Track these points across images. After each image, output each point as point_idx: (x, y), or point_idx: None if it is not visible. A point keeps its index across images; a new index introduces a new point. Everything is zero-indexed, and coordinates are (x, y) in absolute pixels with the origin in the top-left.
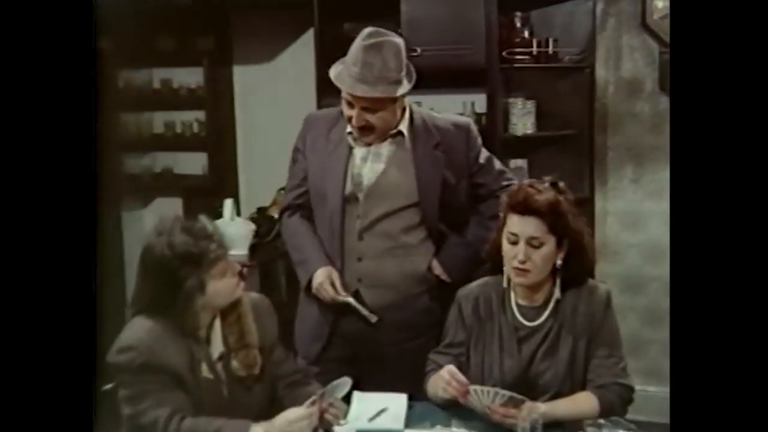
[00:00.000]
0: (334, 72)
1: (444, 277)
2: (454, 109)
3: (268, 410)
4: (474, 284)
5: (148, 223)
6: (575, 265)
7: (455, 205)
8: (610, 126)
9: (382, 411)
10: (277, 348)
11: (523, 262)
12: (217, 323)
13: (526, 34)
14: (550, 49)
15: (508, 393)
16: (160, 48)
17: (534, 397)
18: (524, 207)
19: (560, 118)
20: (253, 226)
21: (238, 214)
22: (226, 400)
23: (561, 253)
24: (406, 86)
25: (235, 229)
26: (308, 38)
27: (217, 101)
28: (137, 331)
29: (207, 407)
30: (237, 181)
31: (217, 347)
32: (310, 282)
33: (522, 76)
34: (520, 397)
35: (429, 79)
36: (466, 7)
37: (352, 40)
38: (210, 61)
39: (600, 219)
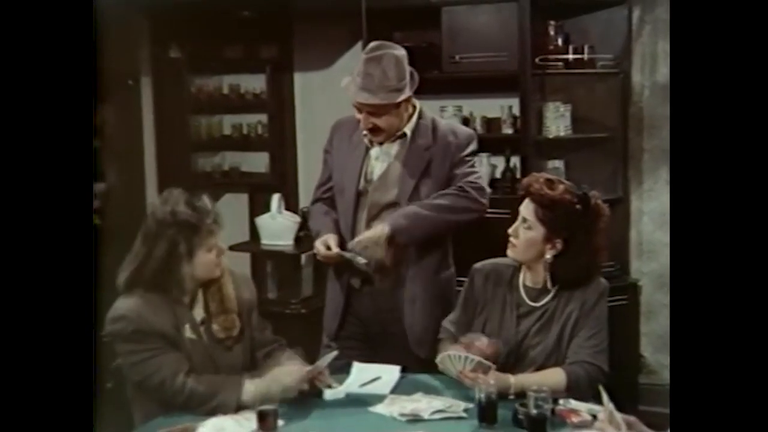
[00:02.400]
0: (344, 82)
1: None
2: (492, 111)
3: (250, 373)
4: (490, 261)
5: None
6: (567, 266)
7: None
8: (645, 129)
9: (375, 379)
10: (255, 314)
11: (510, 236)
12: (200, 292)
13: (560, 41)
14: (585, 56)
15: (476, 358)
16: (228, 56)
17: (522, 368)
18: (526, 190)
19: (596, 121)
20: (298, 219)
21: (287, 208)
22: (210, 358)
23: (551, 249)
24: (406, 93)
25: (280, 222)
26: (359, 47)
27: (279, 105)
28: (126, 302)
29: (195, 365)
30: (296, 178)
31: (198, 312)
32: None
33: (557, 81)
34: (487, 363)
35: (468, 84)
36: (501, 18)
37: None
38: (273, 68)
39: (635, 219)
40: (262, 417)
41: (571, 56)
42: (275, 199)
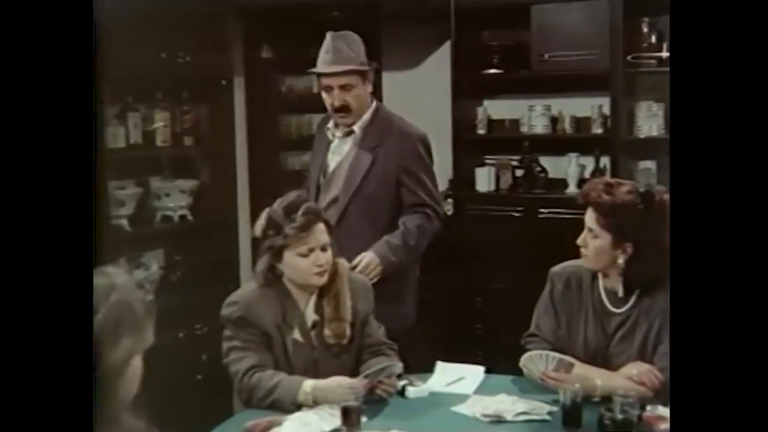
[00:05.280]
0: (313, 69)
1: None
2: (581, 111)
3: (355, 376)
4: (569, 263)
5: None
6: (642, 269)
7: (377, 202)
8: None
9: (459, 379)
10: (369, 323)
11: (580, 246)
12: (314, 296)
13: (653, 39)
14: None
15: (558, 355)
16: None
17: None
18: (586, 199)
19: None
20: None
21: None
22: (316, 363)
23: (622, 254)
24: (372, 64)
25: None
26: (448, 47)
27: None
28: (245, 289)
29: (297, 368)
30: None
31: (311, 315)
32: None
33: (650, 80)
34: (568, 359)
35: (557, 83)
36: (592, 15)
37: (488, 47)
38: None
39: None
40: (346, 413)
41: (664, 54)
42: None
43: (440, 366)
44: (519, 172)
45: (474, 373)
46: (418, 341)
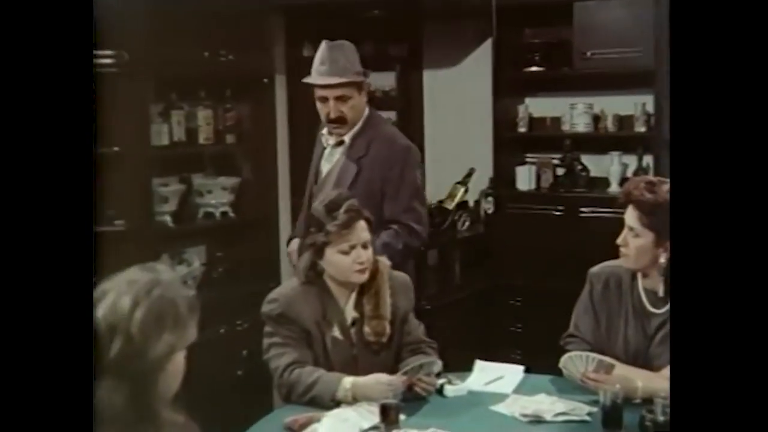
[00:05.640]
0: (307, 79)
1: None
2: (624, 109)
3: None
4: (607, 264)
5: None
6: None
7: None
8: None
9: (498, 378)
10: (409, 321)
11: (620, 245)
12: (354, 293)
13: None
14: None
15: (598, 356)
16: (360, 55)
17: None
18: (627, 197)
19: None
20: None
21: None
22: (355, 360)
23: (664, 252)
24: (368, 74)
25: None
26: (488, 45)
27: (408, 102)
28: (285, 286)
29: (336, 365)
30: (423, 175)
31: (350, 313)
32: None
33: None
34: (609, 360)
35: (599, 81)
36: (636, 12)
37: (530, 45)
38: (402, 65)
39: None
40: (384, 410)
41: None
42: None
43: (479, 365)
44: (560, 171)
45: (513, 373)
46: (457, 340)
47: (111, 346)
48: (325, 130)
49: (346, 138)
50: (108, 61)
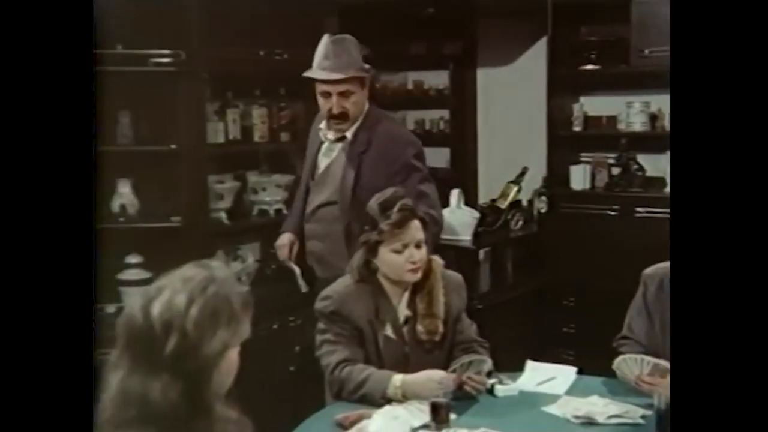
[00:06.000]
0: (308, 73)
1: None
2: None
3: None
4: (661, 265)
5: None
6: None
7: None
8: None
9: (550, 379)
10: (461, 320)
11: None
12: (407, 292)
13: None
14: None
15: (653, 360)
16: (413, 53)
17: None
18: None
19: None
20: (477, 215)
21: (467, 203)
22: (407, 359)
23: None
24: (370, 70)
25: (459, 217)
26: (543, 43)
27: (462, 101)
28: (339, 283)
29: (388, 364)
30: (476, 174)
31: (403, 311)
32: None
33: None
34: (664, 363)
35: (657, 80)
36: None
37: (586, 43)
38: (456, 64)
39: None
40: (435, 409)
41: None
42: (455, 194)
43: (531, 365)
44: (615, 170)
45: (565, 374)
46: (509, 339)
47: (167, 343)
48: (323, 125)
49: (348, 133)
50: (165, 60)
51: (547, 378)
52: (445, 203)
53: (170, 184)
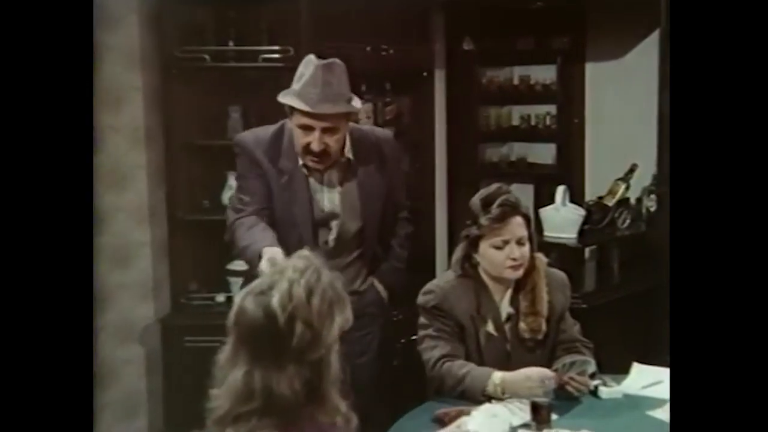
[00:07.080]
0: (287, 98)
1: (384, 295)
2: None
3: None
4: None
5: None
6: None
7: (387, 222)
8: None
9: (657, 383)
10: (565, 319)
11: None
12: (510, 289)
13: None
14: None
15: None
16: (520, 48)
17: None
18: None
19: None
20: (582, 213)
21: (572, 200)
22: (509, 357)
23: None
24: (357, 102)
25: (564, 215)
26: (656, 37)
27: (569, 96)
28: (442, 278)
29: (488, 361)
30: (583, 170)
31: (506, 308)
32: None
33: None
34: None
35: None
36: None
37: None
38: (564, 58)
39: None
40: (535, 409)
41: None
42: (560, 191)
43: (636, 367)
44: None
45: None
46: (614, 341)
47: (292, 335)
48: (299, 162)
49: (350, 155)
50: (275, 56)
51: (653, 381)
52: (551, 200)
53: None
